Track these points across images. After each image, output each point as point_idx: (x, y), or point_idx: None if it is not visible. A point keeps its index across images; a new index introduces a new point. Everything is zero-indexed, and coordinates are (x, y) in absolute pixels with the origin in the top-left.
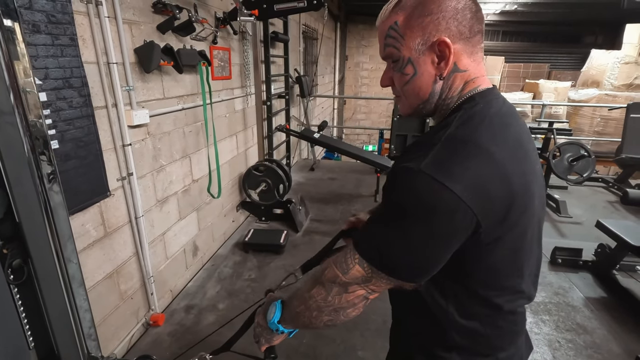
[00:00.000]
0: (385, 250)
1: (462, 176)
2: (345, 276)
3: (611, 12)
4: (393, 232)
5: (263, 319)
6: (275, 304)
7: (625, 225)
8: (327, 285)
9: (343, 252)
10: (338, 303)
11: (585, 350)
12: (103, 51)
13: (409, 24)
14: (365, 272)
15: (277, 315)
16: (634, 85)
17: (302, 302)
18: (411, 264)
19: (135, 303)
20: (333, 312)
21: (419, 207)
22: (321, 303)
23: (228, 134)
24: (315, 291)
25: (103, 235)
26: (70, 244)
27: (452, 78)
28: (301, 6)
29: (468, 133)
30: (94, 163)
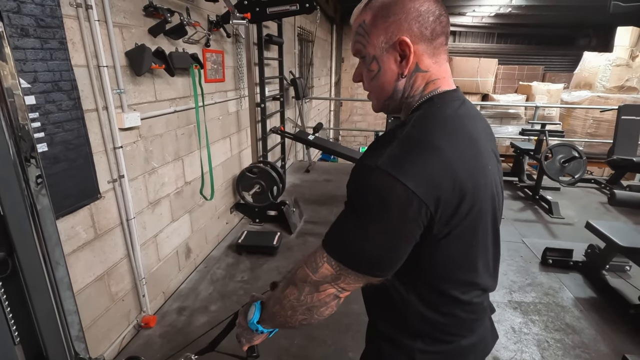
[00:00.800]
0: (349, 246)
1: (415, 171)
2: (315, 275)
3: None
4: (355, 228)
5: (244, 320)
6: (254, 304)
7: (614, 227)
8: (299, 285)
9: (313, 251)
10: (310, 302)
11: (574, 350)
12: (93, 54)
13: (374, 23)
14: (334, 269)
15: (257, 315)
16: (625, 87)
17: (277, 302)
18: (373, 258)
19: (127, 305)
20: (306, 311)
21: (375, 202)
22: (294, 302)
23: (221, 136)
24: (289, 291)
25: (93, 238)
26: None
27: (414, 77)
28: (293, 9)
29: (422, 132)
30: (83, 165)
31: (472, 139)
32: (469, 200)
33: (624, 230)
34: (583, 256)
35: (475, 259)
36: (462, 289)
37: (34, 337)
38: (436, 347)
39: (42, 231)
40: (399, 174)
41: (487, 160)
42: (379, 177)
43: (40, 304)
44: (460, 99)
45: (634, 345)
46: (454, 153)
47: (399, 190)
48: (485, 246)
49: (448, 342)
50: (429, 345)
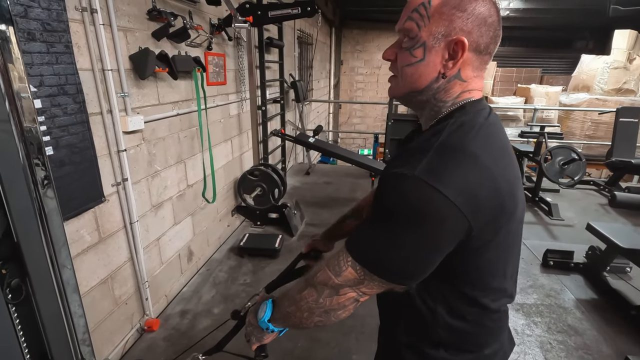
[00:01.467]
0: (378, 254)
1: (454, 182)
2: (337, 278)
3: (601, 18)
4: (387, 236)
5: (254, 318)
6: (265, 303)
7: (615, 228)
8: (318, 288)
9: (335, 255)
10: (329, 305)
11: (576, 352)
12: (98, 58)
13: (440, 10)
14: (358, 274)
15: (268, 314)
16: (623, 90)
17: (293, 303)
18: (404, 267)
19: (130, 308)
20: (324, 313)
21: (412, 212)
22: (312, 304)
23: (223, 139)
24: (307, 293)
25: (97, 241)
26: (64, 249)
27: (452, 83)
28: (295, 13)
29: (459, 141)
30: (88, 169)
31: (504, 147)
32: (507, 209)
33: (625, 231)
34: (584, 258)
35: (506, 265)
36: (492, 297)
37: (42, 346)
38: (460, 356)
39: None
40: (438, 184)
41: (516, 166)
42: (417, 186)
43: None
44: (486, 107)
45: (636, 346)
46: (492, 162)
47: (437, 201)
48: (513, 251)
49: (472, 352)
50: (453, 355)
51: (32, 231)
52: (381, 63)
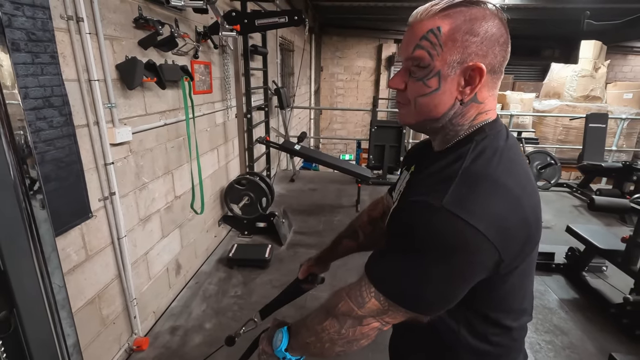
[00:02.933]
0: (404, 286)
1: (484, 214)
2: (360, 310)
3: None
4: (413, 268)
5: (269, 346)
6: (281, 331)
7: (592, 230)
8: (340, 319)
9: (357, 284)
10: (352, 335)
11: (564, 351)
12: (84, 68)
13: (453, 36)
14: (382, 305)
15: (284, 343)
16: (590, 97)
17: (313, 334)
18: (432, 299)
19: (118, 328)
20: (346, 343)
21: (442, 245)
22: (334, 335)
23: (209, 148)
24: (328, 324)
25: (84, 259)
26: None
27: (469, 107)
28: (282, 21)
29: (483, 168)
30: (75, 184)
31: (527, 172)
32: (532, 238)
33: (601, 233)
34: (564, 258)
35: (527, 287)
36: (514, 317)
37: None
38: None
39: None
40: (467, 216)
41: (537, 191)
42: (445, 218)
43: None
44: (503, 128)
45: (618, 343)
46: (519, 190)
47: (468, 234)
48: (532, 272)
49: None
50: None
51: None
52: (361, 69)
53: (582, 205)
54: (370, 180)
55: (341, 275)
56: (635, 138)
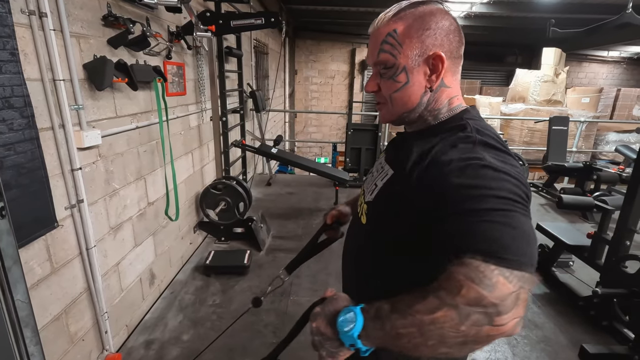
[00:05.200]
0: (514, 244)
1: (514, 171)
2: (492, 294)
3: (528, 36)
4: (505, 225)
5: (327, 327)
6: (354, 310)
7: (561, 227)
8: (463, 310)
9: (468, 268)
10: (474, 336)
11: (539, 345)
12: (48, 67)
13: (408, 34)
14: (511, 283)
15: (358, 327)
16: (552, 101)
17: (416, 325)
18: (534, 247)
19: (87, 345)
20: (459, 345)
21: (518, 197)
22: (449, 332)
23: (184, 152)
24: (444, 315)
25: (50, 272)
26: (20, 285)
27: (439, 92)
28: (259, 23)
29: (491, 140)
30: (39, 192)
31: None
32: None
33: (569, 230)
34: None
35: None
36: None
37: None
38: None
39: (3, 265)
40: (510, 171)
41: None
42: (499, 171)
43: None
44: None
45: (588, 334)
46: (514, 159)
47: (521, 185)
48: None
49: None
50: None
51: None
52: (335, 73)
53: (547, 203)
54: (347, 182)
55: (321, 278)
56: (592, 140)
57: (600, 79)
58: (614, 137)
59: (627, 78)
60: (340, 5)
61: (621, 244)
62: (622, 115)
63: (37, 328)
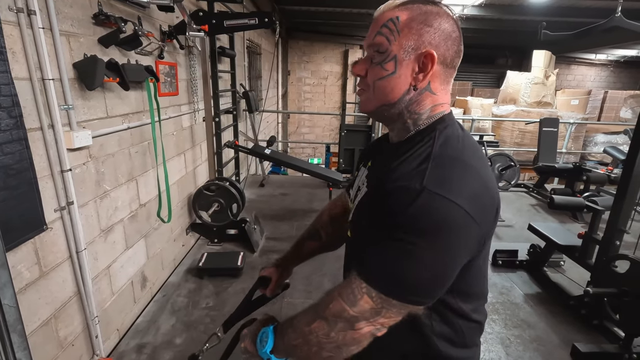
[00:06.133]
0: (396, 276)
1: (463, 191)
2: (352, 309)
3: (519, 39)
4: (403, 255)
5: (252, 346)
6: (266, 331)
7: (552, 227)
8: (330, 320)
9: (347, 283)
10: (342, 340)
11: (532, 344)
12: (37, 66)
13: (409, 24)
14: (375, 303)
15: (270, 344)
16: (542, 103)
17: (301, 336)
18: (425, 286)
19: (77, 350)
20: (335, 349)
21: (430, 226)
22: (323, 339)
23: (176, 153)
24: (317, 325)
25: (38, 276)
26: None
27: (423, 95)
28: (252, 23)
29: (453, 152)
30: (27, 193)
31: (484, 157)
32: (497, 215)
33: (560, 230)
34: (526, 255)
35: (486, 270)
36: (481, 299)
37: None
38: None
39: None
40: (449, 194)
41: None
42: (429, 198)
43: None
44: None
45: (579, 333)
46: (484, 171)
47: (453, 212)
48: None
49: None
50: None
51: None
52: (327, 74)
53: (538, 204)
54: (340, 183)
55: (316, 280)
56: (581, 141)
57: (588, 81)
58: (602, 138)
59: (614, 81)
60: (333, 6)
61: (611, 244)
62: (610, 117)
63: (25, 333)
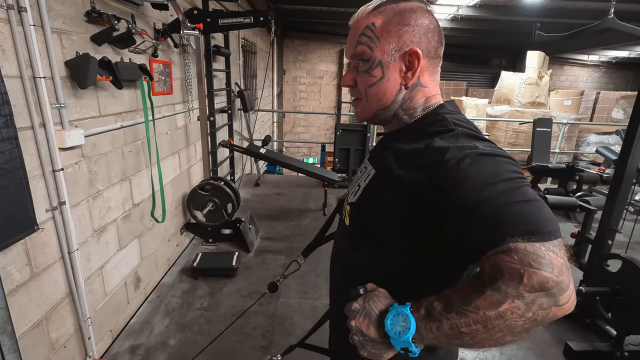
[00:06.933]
0: (542, 215)
1: (506, 153)
2: (553, 273)
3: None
4: (527, 201)
5: (371, 328)
6: (402, 312)
7: None
8: (528, 298)
9: (519, 254)
10: (541, 319)
11: (525, 343)
12: (28, 64)
13: (386, 28)
14: (559, 255)
15: (413, 330)
16: (536, 103)
17: (480, 321)
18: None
19: (69, 352)
20: (523, 331)
21: (519, 173)
22: (516, 322)
23: (170, 152)
24: (509, 307)
25: (29, 278)
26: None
27: (415, 91)
28: (247, 22)
29: (470, 131)
30: (17, 194)
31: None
32: None
33: None
34: None
35: None
36: None
37: None
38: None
39: None
40: (494, 149)
41: None
42: (486, 151)
43: None
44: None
45: (572, 332)
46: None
47: (513, 162)
48: None
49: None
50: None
51: None
52: (323, 73)
53: None
54: (336, 183)
55: (310, 280)
56: (574, 141)
57: (580, 82)
58: (594, 138)
59: (606, 82)
60: (328, 5)
61: (604, 243)
62: (602, 118)
63: (16, 335)
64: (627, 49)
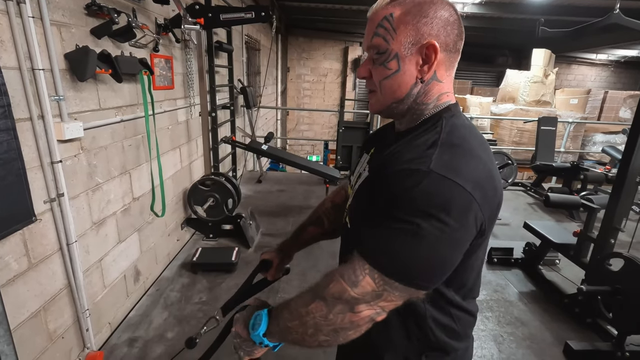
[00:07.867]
0: (399, 257)
1: (468, 176)
2: (353, 290)
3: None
4: (408, 237)
5: (244, 330)
6: (260, 314)
7: (547, 226)
8: (329, 301)
9: (349, 264)
10: (340, 323)
11: (524, 342)
12: (27, 55)
13: (404, 20)
14: (377, 285)
15: (263, 327)
16: (541, 102)
17: (297, 317)
18: (429, 268)
19: (67, 343)
20: (332, 332)
21: (435, 206)
22: (320, 321)
23: (171, 147)
24: (315, 306)
25: (27, 268)
26: None
27: (430, 85)
28: (248, 17)
29: (459, 140)
30: (15, 184)
31: (490, 150)
32: (499, 206)
33: (555, 228)
34: (522, 253)
35: (481, 264)
36: (474, 291)
37: None
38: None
39: None
40: (455, 177)
41: None
42: (436, 180)
43: None
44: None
45: (572, 332)
46: (490, 162)
47: (457, 193)
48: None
49: (454, 351)
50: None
51: None
52: (327, 71)
53: (535, 202)
54: (338, 180)
55: (311, 275)
56: (580, 140)
57: (588, 81)
58: (600, 138)
59: (614, 81)
60: (332, 2)
61: (606, 242)
62: (609, 117)
63: (10, 326)
64: (636, 48)
